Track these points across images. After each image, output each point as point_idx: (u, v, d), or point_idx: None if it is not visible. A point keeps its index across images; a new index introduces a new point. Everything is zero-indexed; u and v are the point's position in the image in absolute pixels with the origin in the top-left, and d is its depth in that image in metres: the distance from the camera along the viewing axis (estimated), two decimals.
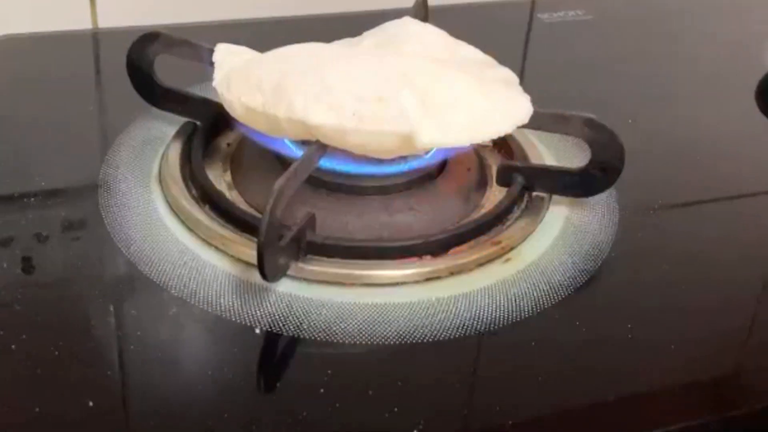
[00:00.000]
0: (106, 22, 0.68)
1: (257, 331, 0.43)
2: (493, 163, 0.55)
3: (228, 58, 0.51)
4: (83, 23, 0.68)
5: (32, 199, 0.50)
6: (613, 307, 0.47)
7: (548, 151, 0.56)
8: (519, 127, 0.49)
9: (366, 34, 0.54)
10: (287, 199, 0.43)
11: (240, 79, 0.48)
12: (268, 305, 0.44)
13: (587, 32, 0.73)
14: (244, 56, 0.50)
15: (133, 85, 0.55)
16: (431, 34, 0.54)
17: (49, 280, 0.46)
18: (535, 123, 0.50)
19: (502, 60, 0.53)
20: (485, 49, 0.53)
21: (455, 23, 0.55)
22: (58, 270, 0.46)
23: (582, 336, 0.45)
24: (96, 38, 0.68)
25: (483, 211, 0.51)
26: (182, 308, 0.44)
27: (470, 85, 0.48)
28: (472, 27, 0.53)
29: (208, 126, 0.55)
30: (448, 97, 0.47)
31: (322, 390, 0.41)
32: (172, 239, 0.48)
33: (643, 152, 0.56)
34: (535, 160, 0.55)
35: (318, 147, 0.46)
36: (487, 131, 0.47)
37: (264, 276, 0.43)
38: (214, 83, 0.50)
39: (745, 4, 0.81)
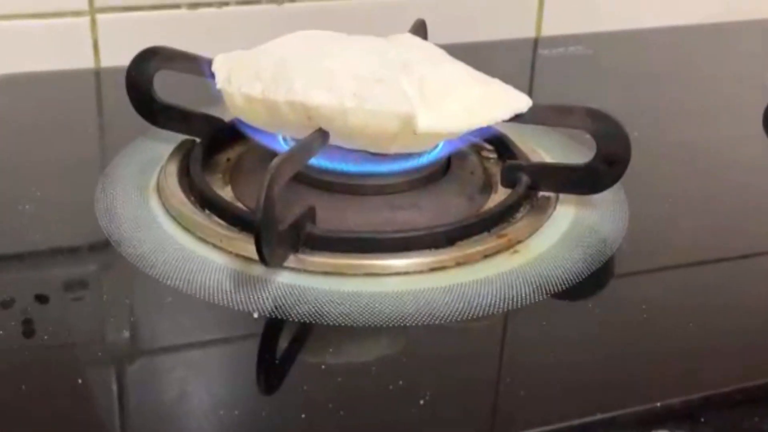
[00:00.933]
0: (109, 63, 0.68)
1: (255, 315, 0.42)
2: (497, 172, 0.54)
3: (227, 63, 0.51)
4: (86, 63, 0.68)
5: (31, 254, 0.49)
6: (622, 298, 0.46)
7: (552, 159, 0.55)
8: (521, 122, 0.49)
9: None
10: (284, 181, 0.42)
11: (240, 72, 0.47)
12: (269, 294, 0.43)
13: (588, 67, 0.73)
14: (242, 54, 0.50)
15: (132, 103, 0.54)
16: (430, 48, 0.54)
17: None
18: (537, 117, 0.49)
19: None
20: None
21: None
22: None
23: (590, 326, 0.43)
24: (98, 77, 0.68)
25: None
26: (179, 298, 0.43)
27: (468, 76, 0.48)
28: (475, 65, 0.53)
29: (208, 141, 0.54)
30: (446, 86, 0.46)
31: (323, 366, 0.39)
32: (170, 240, 0.47)
33: (651, 157, 0.55)
34: None
35: (318, 135, 0.46)
36: (485, 117, 0.46)
37: (263, 259, 0.42)
38: (218, 85, 0.49)
39: (746, 37, 0.81)
